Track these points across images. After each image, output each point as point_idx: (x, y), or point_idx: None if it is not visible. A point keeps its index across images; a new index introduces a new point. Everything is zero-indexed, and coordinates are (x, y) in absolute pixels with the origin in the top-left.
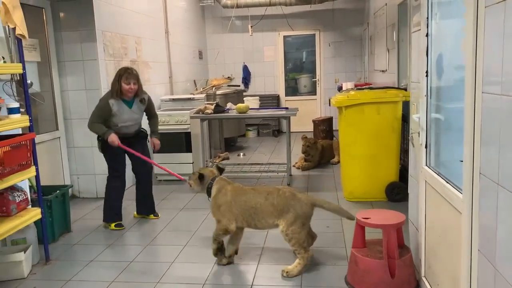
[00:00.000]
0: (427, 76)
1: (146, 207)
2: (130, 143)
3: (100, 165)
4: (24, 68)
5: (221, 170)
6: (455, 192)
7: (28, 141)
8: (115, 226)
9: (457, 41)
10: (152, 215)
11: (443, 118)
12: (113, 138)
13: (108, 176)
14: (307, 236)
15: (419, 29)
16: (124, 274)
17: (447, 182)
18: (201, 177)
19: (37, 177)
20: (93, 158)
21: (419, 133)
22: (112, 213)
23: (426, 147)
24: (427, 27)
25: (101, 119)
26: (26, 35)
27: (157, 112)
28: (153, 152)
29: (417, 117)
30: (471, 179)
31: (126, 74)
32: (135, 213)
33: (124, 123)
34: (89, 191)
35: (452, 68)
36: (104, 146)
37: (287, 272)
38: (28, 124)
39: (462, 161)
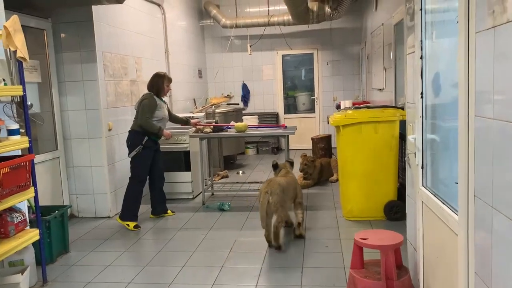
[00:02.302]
0: (422, 97)
1: (163, 206)
2: (156, 151)
3: (99, 184)
4: (24, 90)
5: (291, 164)
6: (451, 214)
7: (27, 162)
8: (134, 227)
9: (452, 59)
10: (169, 211)
11: (439, 138)
12: (167, 132)
13: (132, 181)
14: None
15: (414, 51)
16: None
17: (443, 203)
18: (275, 165)
19: (36, 198)
20: (92, 178)
21: (415, 154)
22: (131, 214)
23: (422, 167)
24: (421, 49)
25: (152, 113)
26: (27, 58)
27: None
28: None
29: (412, 138)
30: (466, 201)
31: (167, 77)
32: (151, 214)
33: (164, 116)
34: (88, 211)
35: (448, 86)
36: (141, 153)
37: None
38: (27, 145)
39: (457, 183)
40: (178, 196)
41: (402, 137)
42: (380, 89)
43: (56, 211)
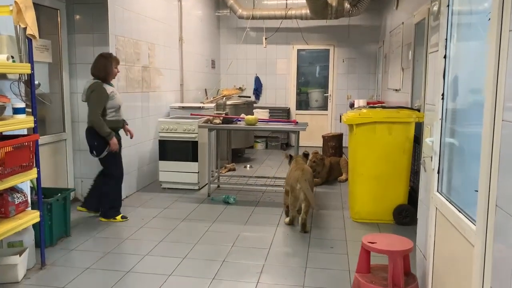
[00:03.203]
0: (443, 99)
1: (97, 202)
2: (119, 141)
3: None
4: (32, 69)
5: (306, 156)
6: (467, 223)
7: (31, 142)
8: (121, 217)
9: (474, 63)
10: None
11: (458, 143)
12: (116, 142)
13: (110, 182)
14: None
15: (437, 50)
16: (119, 285)
17: (459, 211)
18: (290, 157)
19: (38, 179)
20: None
21: (431, 157)
22: (115, 211)
23: (438, 172)
24: (445, 48)
25: (102, 106)
26: (37, 36)
27: (166, 119)
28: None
29: (430, 140)
30: (486, 211)
31: (115, 58)
32: (81, 207)
33: (119, 103)
34: None
35: (468, 91)
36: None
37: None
38: (32, 125)
39: (477, 190)
40: (183, 186)
41: (417, 140)
42: (396, 90)
43: (59, 194)
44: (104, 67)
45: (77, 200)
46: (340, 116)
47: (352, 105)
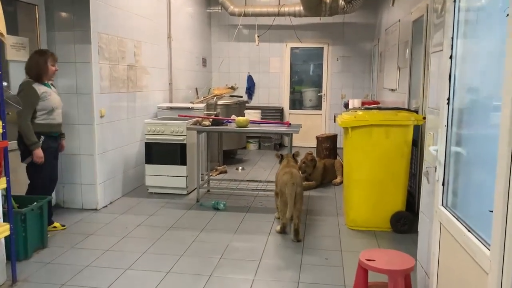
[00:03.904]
0: (448, 103)
1: (50, 217)
2: (56, 150)
3: (87, 174)
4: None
5: (294, 157)
6: (479, 246)
7: None
8: (61, 226)
9: (487, 63)
10: (58, 224)
11: (465, 152)
12: (41, 154)
13: (32, 191)
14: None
15: (441, 50)
16: None
17: (469, 231)
18: (281, 156)
19: (8, 190)
20: (80, 167)
21: (435, 168)
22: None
23: (443, 184)
24: (451, 48)
25: (32, 108)
26: (4, 33)
27: (153, 121)
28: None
29: (434, 149)
30: (503, 235)
31: (52, 56)
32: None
33: (54, 106)
34: (74, 202)
35: (478, 94)
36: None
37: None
38: (0, 130)
39: (491, 211)
40: (171, 191)
41: (415, 143)
42: (392, 90)
43: (35, 203)
44: (36, 65)
45: (59, 206)
46: (335, 117)
47: (346, 105)
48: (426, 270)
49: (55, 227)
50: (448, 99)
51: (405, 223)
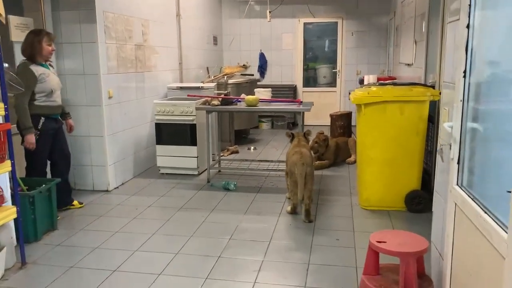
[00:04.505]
0: (465, 76)
1: (68, 197)
2: (57, 131)
3: (98, 156)
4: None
5: (305, 136)
6: (496, 229)
7: (1, 132)
8: (79, 203)
9: (505, 34)
10: (76, 202)
11: (482, 129)
12: (32, 140)
13: (29, 172)
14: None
15: (458, 19)
16: (103, 286)
17: (485, 212)
18: (292, 135)
19: (13, 172)
20: (90, 149)
21: (450, 145)
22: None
23: (458, 162)
24: (469, 16)
25: (29, 91)
26: (3, 13)
27: (162, 101)
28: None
29: (449, 126)
30: None
31: (47, 35)
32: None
33: (53, 87)
34: (85, 183)
35: (498, 66)
36: (38, 140)
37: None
38: (3, 113)
39: (510, 191)
40: (182, 171)
41: (431, 119)
42: (408, 64)
43: (43, 185)
44: (31, 44)
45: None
46: (349, 93)
47: (361, 81)
48: (440, 252)
49: (73, 205)
50: (465, 72)
51: (420, 202)
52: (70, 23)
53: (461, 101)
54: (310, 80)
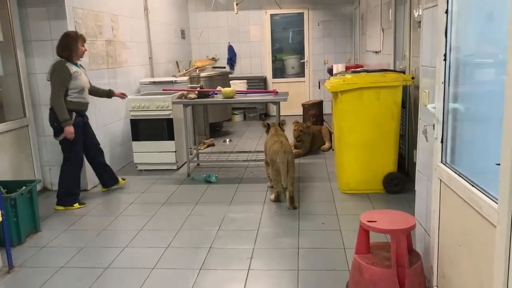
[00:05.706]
0: (445, 60)
1: (111, 176)
2: (86, 125)
3: None
4: None
5: (280, 125)
6: (485, 199)
7: None
8: (79, 204)
9: (485, 15)
10: (120, 179)
11: (463, 108)
12: (72, 130)
13: (68, 165)
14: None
15: (435, 5)
16: (98, 284)
17: (473, 186)
18: (268, 126)
19: None
20: None
21: (433, 126)
22: (73, 198)
23: (442, 141)
24: (447, 2)
25: (64, 87)
26: None
27: (137, 97)
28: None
29: (432, 107)
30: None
31: (81, 36)
32: (101, 187)
33: (84, 84)
34: None
35: (477, 47)
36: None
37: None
38: None
39: (499, 164)
40: (161, 167)
41: (403, 104)
42: (376, 52)
43: (24, 187)
44: (67, 45)
45: (47, 189)
46: (319, 83)
47: (330, 71)
48: (425, 229)
49: (118, 183)
50: (445, 55)
51: (397, 183)
52: (39, 20)
53: (442, 83)
54: (278, 71)
